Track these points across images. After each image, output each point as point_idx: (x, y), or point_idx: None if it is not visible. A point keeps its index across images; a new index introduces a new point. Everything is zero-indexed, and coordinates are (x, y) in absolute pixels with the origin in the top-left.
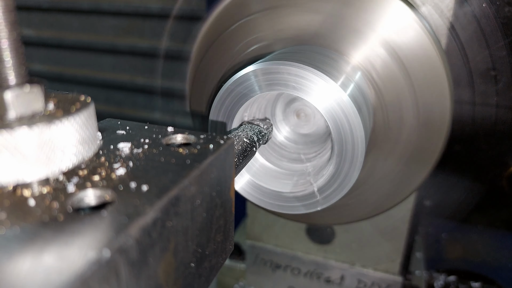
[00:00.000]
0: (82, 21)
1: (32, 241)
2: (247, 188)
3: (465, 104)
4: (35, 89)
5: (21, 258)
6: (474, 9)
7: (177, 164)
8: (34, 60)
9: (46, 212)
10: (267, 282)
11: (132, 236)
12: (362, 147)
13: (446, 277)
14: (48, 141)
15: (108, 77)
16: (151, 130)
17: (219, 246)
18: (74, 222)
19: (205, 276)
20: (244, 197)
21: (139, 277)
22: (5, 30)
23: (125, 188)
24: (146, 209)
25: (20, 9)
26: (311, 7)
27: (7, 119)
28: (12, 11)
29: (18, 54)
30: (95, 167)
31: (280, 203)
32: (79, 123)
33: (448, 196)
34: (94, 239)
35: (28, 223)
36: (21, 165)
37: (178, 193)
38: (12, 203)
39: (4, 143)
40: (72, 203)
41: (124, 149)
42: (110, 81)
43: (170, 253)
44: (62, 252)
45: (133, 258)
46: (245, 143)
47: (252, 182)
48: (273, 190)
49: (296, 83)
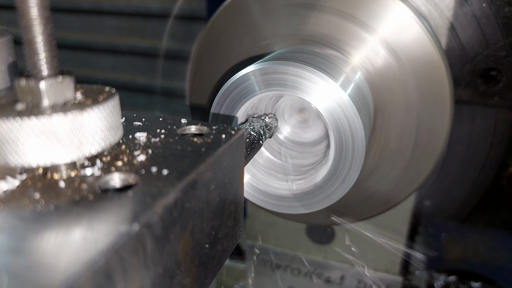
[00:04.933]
0: (83, 21)
1: (67, 216)
2: (247, 188)
3: (465, 104)
4: (67, 79)
5: (58, 230)
6: (474, 9)
7: (193, 152)
8: None
9: (76, 193)
10: (267, 282)
11: (157, 213)
12: (362, 147)
13: (446, 277)
14: (80, 127)
15: (108, 77)
16: (165, 122)
17: (230, 231)
18: (103, 201)
19: (217, 258)
20: (244, 197)
21: (162, 252)
22: (40, 26)
23: (147, 172)
24: (168, 190)
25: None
26: (311, 7)
27: (42, 106)
28: (46, 8)
29: (51, 47)
30: (117, 154)
31: (280, 203)
32: (107, 110)
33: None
34: (123, 215)
35: (61, 202)
36: (55, 148)
37: (195, 177)
38: (44, 184)
39: (41, 128)
40: (99, 185)
41: (142, 138)
42: (111, 81)
43: (188, 232)
44: (95, 225)
45: (157, 233)
46: (252, 136)
47: (252, 182)
48: (273, 190)
49: (296, 83)
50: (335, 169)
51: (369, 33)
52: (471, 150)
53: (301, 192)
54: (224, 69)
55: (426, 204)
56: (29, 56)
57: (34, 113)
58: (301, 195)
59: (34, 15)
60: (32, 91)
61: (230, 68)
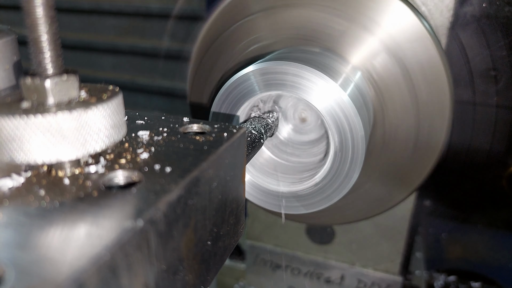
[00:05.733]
0: (83, 21)
1: (72, 212)
2: (247, 188)
3: (465, 104)
4: (71, 78)
5: (64, 226)
6: (474, 9)
7: (196, 150)
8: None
9: (81, 190)
10: (267, 282)
11: (160, 209)
12: (362, 147)
13: (446, 277)
14: (85, 125)
15: (108, 77)
16: (168, 120)
17: (231, 228)
18: (107, 198)
19: (219, 255)
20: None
21: (166, 248)
22: (45, 25)
23: (150, 170)
24: (171, 187)
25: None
26: (311, 7)
27: (47, 104)
28: (51, 7)
29: (56, 46)
30: (120, 151)
31: (280, 203)
32: (111, 108)
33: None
34: (127, 211)
35: (66, 198)
36: (60, 146)
37: (198, 175)
38: (48, 182)
39: (47, 126)
40: (103, 182)
41: (145, 136)
42: (111, 81)
43: (191, 229)
44: (100, 221)
45: (161, 230)
46: (254, 135)
47: (252, 182)
48: (273, 190)
49: (296, 83)
50: (335, 169)
51: (369, 33)
52: (471, 150)
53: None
54: (224, 69)
55: (426, 204)
56: (35, 55)
57: (40, 111)
58: (302, 195)
59: (40, 14)
60: (37, 90)
61: (230, 68)
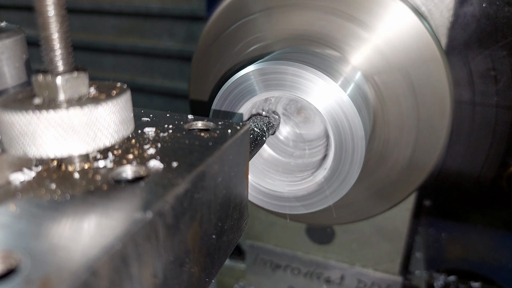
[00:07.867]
0: (83, 21)
1: (83, 204)
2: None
3: (465, 104)
4: (81, 75)
5: (75, 217)
6: (474, 9)
7: (201, 146)
8: (35, 60)
9: (91, 183)
10: (267, 282)
11: (168, 202)
12: (362, 147)
13: (446, 277)
14: (96, 120)
15: (109, 77)
16: (173, 117)
17: (235, 223)
18: (117, 191)
19: (223, 249)
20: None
21: (173, 240)
22: (57, 24)
23: (158, 165)
24: (178, 181)
25: (21, 9)
26: (311, 7)
27: (58, 100)
28: (63, 6)
29: (66, 44)
30: (127, 147)
31: (280, 203)
32: (120, 105)
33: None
34: (137, 204)
35: (76, 192)
36: (71, 140)
37: (204, 169)
38: (59, 176)
39: (59, 121)
40: (112, 176)
41: (151, 133)
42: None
43: (197, 222)
44: (110, 213)
45: (168, 222)
46: (256, 132)
47: (252, 182)
48: (273, 190)
49: (296, 83)
50: (335, 169)
51: (369, 33)
52: (471, 150)
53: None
54: (224, 69)
55: (426, 204)
56: (46, 53)
57: (52, 106)
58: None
59: (51, 13)
60: (49, 86)
61: (230, 68)
